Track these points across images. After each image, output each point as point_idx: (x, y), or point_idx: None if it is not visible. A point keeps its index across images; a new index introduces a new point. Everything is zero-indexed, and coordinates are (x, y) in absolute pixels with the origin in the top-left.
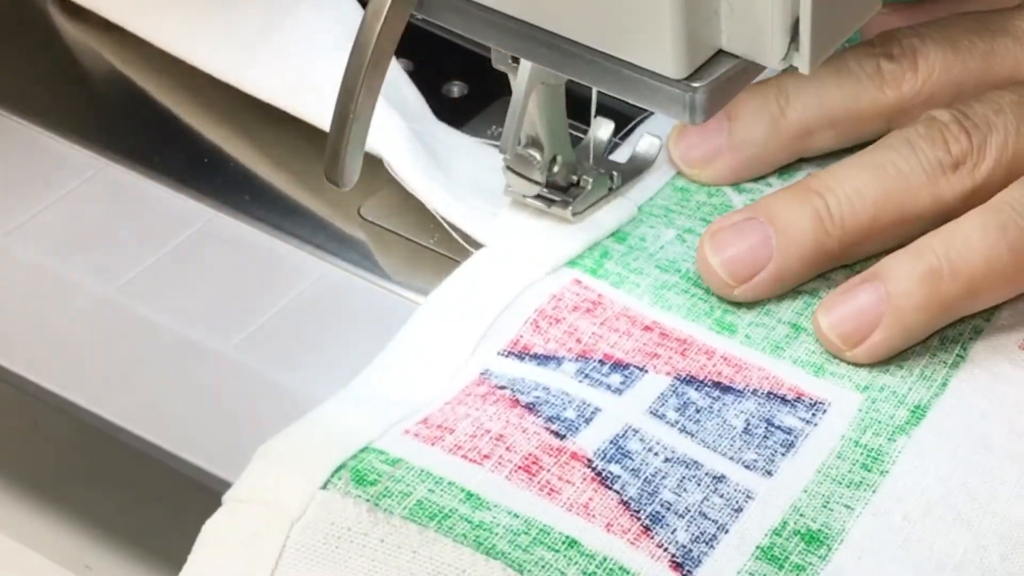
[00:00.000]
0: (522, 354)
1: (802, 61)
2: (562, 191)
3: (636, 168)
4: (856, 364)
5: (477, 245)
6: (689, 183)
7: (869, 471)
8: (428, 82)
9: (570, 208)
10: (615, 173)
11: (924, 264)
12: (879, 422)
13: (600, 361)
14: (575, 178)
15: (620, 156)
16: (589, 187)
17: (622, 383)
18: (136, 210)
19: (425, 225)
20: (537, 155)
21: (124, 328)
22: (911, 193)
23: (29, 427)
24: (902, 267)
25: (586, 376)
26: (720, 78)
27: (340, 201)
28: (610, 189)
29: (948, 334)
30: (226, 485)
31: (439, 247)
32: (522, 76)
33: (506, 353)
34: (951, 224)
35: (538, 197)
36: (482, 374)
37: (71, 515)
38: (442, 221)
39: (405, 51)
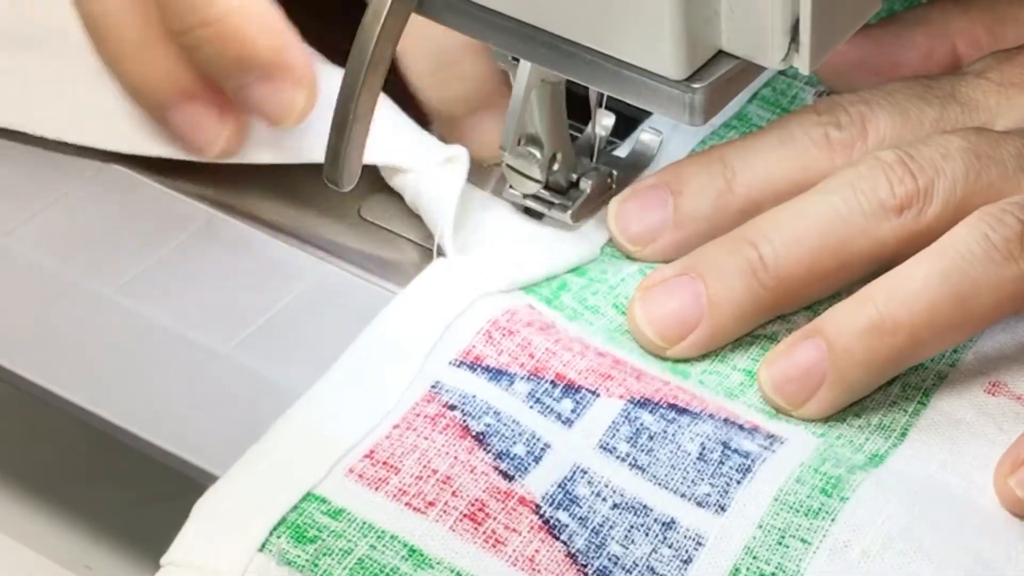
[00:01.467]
0: (474, 365)
1: (802, 61)
2: (561, 193)
3: (635, 163)
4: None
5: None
6: None
7: (829, 496)
8: None
9: (569, 212)
10: (614, 172)
11: (865, 318)
12: (838, 457)
13: (552, 382)
14: (575, 177)
15: (620, 150)
16: (588, 190)
17: (573, 411)
18: (136, 210)
19: (425, 225)
20: (537, 153)
21: (124, 328)
22: (851, 239)
23: (29, 427)
24: (843, 321)
25: (537, 401)
26: (720, 78)
27: (340, 201)
28: (610, 187)
29: (911, 380)
30: None
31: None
32: (522, 74)
33: (458, 363)
34: (893, 271)
35: (537, 200)
36: (432, 387)
37: (71, 515)
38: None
39: None
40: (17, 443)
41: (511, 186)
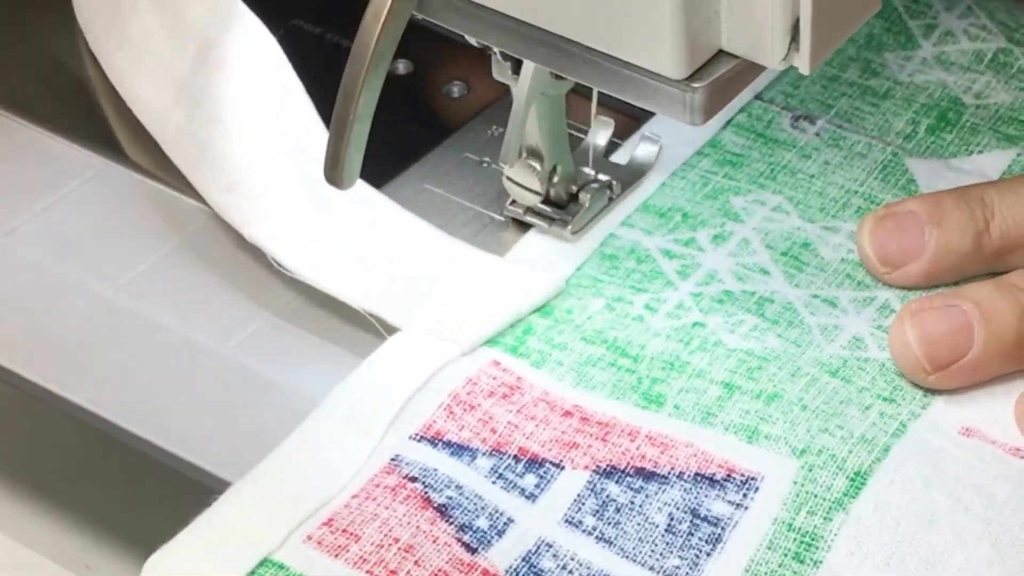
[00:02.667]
0: (435, 440)
1: (802, 61)
2: (561, 207)
3: (635, 173)
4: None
5: (393, 330)
6: (618, 251)
7: (802, 562)
8: (428, 82)
9: (569, 227)
10: (614, 183)
11: None
12: (815, 496)
13: (515, 457)
14: (575, 189)
15: (619, 158)
16: (587, 204)
17: (537, 486)
18: (136, 210)
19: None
20: (537, 165)
21: (124, 328)
22: None
23: (29, 427)
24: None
25: (500, 476)
26: (720, 78)
27: None
28: (609, 199)
29: (887, 411)
30: (226, 485)
31: None
32: (522, 87)
33: (418, 437)
34: None
35: (538, 215)
36: (392, 460)
37: (71, 515)
38: (360, 310)
39: (405, 51)
40: (17, 443)
41: (512, 200)
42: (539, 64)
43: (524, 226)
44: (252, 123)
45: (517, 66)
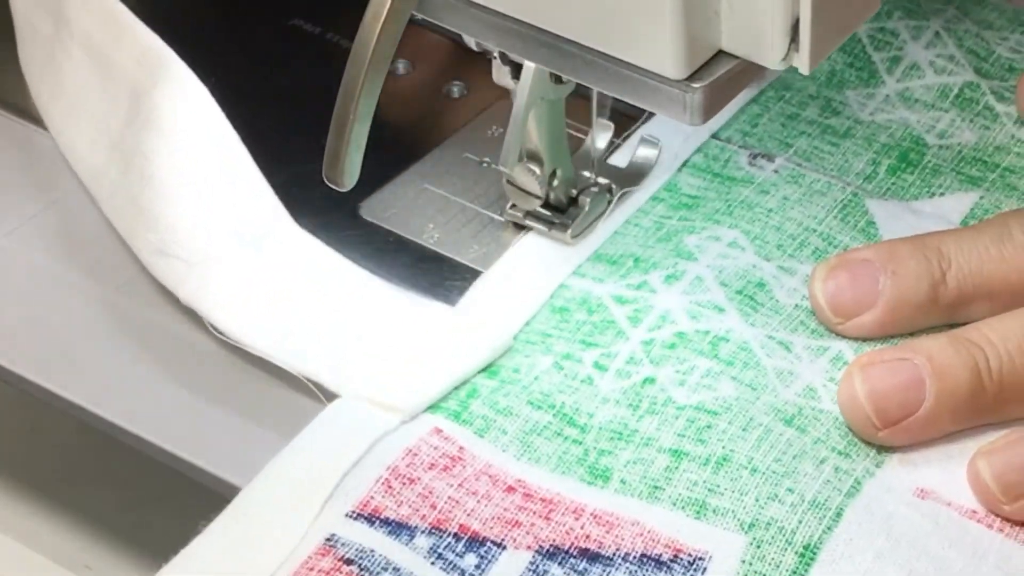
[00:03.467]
0: (372, 517)
1: (802, 61)
2: (561, 211)
3: (634, 175)
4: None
5: (332, 395)
6: (569, 302)
7: None
8: (428, 82)
9: (569, 231)
10: (614, 186)
11: None
12: (764, 575)
13: (455, 536)
14: (574, 192)
15: (619, 159)
16: (587, 207)
17: (478, 567)
18: None
19: (425, 225)
20: (537, 169)
21: (124, 328)
22: None
23: (29, 427)
24: None
25: (439, 556)
26: (720, 78)
27: (340, 201)
28: (608, 203)
29: (842, 466)
30: (226, 485)
31: (439, 247)
32: (522, 92)
33: (355, 515)
34: None
35: (538, 219)
36: (327, 541)
37: (71, 515)
38: (298, 375)
39: (405, 51)
40: (17, 443)
41: (512, 204)
42: (539, 64)
43: (524, 229)
44: (185, 183)
45: (517, 70)
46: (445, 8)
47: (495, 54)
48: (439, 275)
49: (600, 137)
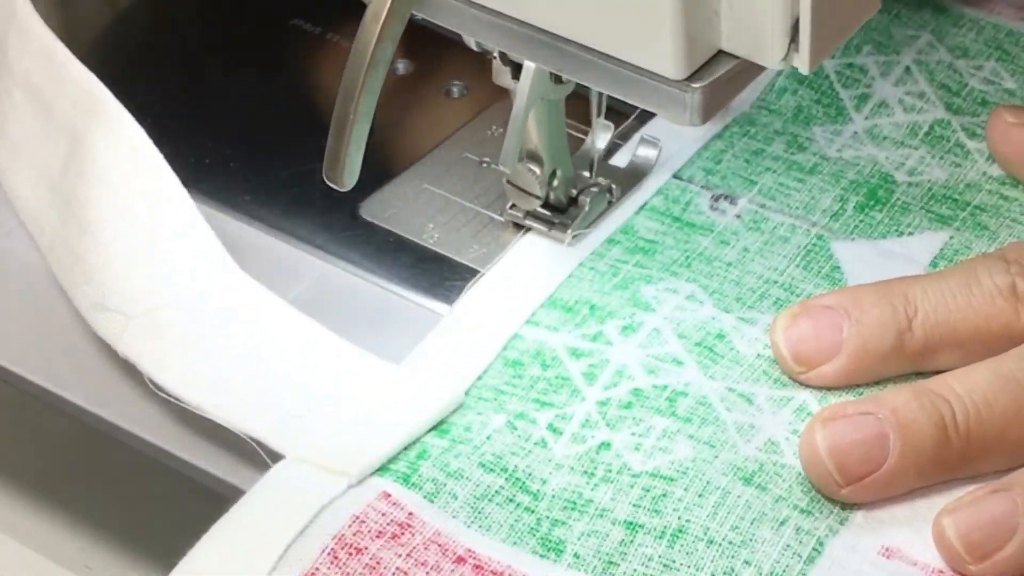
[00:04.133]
0: None
1: (802, 62)
2: (561, 211)
3: (634, 175)
4: None
5: (276, 455)
6: (523, 355)
7: None
8: (428, 82)
9: (569, 230)
10: (614, 187)
11: None
12: None
13: None
14: (574, 192)
15: (619, 160)
16: (587, 207)
17: None
18: None
19: (424, 225)
20: (537, 169)
21: None
22: None
23: (29, 427)
24: None
25: None
26: (720, 78)
27: (340, 201)
28: (609, 203)
29: (804, 526)
30: (226, 485)
31: (439, 247)
32: (522, 92)
33: None
34: None
35: (537, 219)
36: None
37: (71, 515)
38: (242, 435)
39: (405, 51)
40: (17, 443)
41: (512, 204)
42: (539, 64)
43: (525, 229)
44: (121, 232)
45: (517, 70)
46: (445, 8)
47: (495, 54)
48: (439, 275)
49: (600, 137)
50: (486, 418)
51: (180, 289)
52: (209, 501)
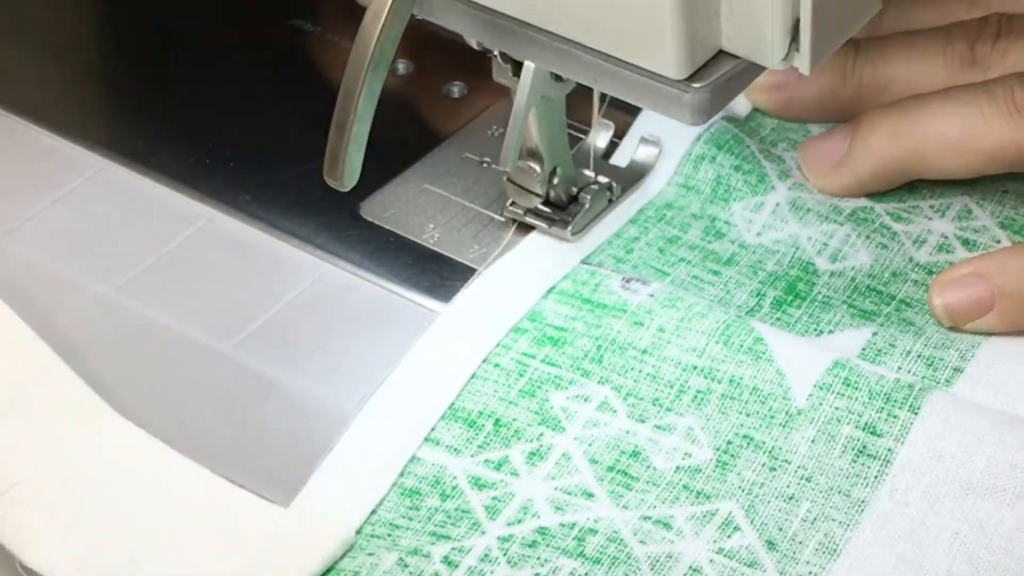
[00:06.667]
0: None
1: (802, 61)
2: (561, 209)
3: (635, 175)
4: None
5: None
6: (421, 483)
7: None
8: (428, 82)
9: (569, 228)
10: (614, 185)
11: (891, 116)
12: None
13: None
14: (575, 190)
15: (619, 159)
16: (588, 204)
17: None
18: (136, 210)
19: (425, 225)
20: (537, 167)
21: (124, 328)
22: None
23: None
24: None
25: None
26: (720, 78)
27: (340, 201)
28: (609, 201)
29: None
30: (225, 485)
31: (439, 247)
32: (522, 90)
33: None
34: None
35: (538, 216)
36: None
37: None
38: None
39: (405, 51)
40: None
41: (512, 202)
42: (539, 64)
43: (525, 227)
44: None
45: (517, 68)
46: (445, 8)
47: (495, 53)
48: (439, 275)
49: (600, 136)
50: (377, 558)
51: (46, 451)
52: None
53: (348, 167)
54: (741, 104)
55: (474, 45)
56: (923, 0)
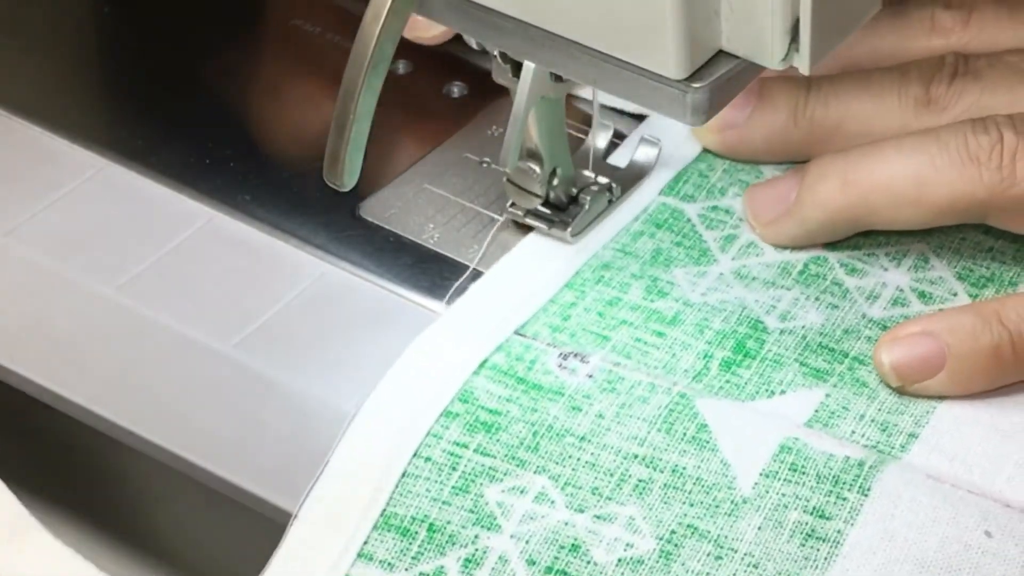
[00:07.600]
0: None
1: (802, 62)
2: (561, 210)
3: (634, 175)
4: None
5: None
6: (371, 555)
7: None
8: (428, 82)
9: (569, 229)
10: (614, 185)
11: (834, 169)
12: None
13: None
14: (575, 191)
15: (619, 159)
16: (587, 205)
17: None
18: (136, 210)
19: (425, 225)
20: (537, 168)
21: (124, 328)
22: None
23: (29, 427)
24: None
25: None
26: (720, 78)
27: (340, 201)
28: (609, 202)
29: None
30: (226, 485)
31: (439, 247)
32: (522, 91)
33: None
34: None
35: (538, 217)
36: None
37: (71, 515)
38: None
39: (405, 52)
40: (17, 443)
41: (512, 202)
42: (539, 64)
43: (525, 228)
44: None
45: (517, 69)
46: (445, 8)
47: (495, 53)
48: (439, 275)
49: (600, 136)
50: None
51: None
52: (210, 501)
53: (348, 167)
54: (691, 145)
55: (473, 46)
56: (883, 24)
